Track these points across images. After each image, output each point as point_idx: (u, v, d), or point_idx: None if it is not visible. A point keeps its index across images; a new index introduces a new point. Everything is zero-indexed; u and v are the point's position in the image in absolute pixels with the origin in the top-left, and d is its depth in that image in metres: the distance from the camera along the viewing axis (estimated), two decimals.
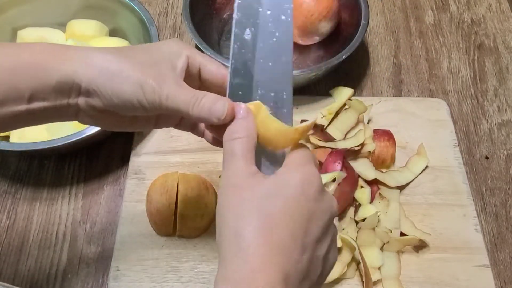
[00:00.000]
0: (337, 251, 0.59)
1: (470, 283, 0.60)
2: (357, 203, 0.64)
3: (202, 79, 0.45)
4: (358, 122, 0.69)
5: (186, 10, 0.75)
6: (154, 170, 0.67)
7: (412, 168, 0.68)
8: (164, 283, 0.60)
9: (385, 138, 0.67)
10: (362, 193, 0.64)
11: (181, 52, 0.43)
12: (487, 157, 0.72)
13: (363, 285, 0.59)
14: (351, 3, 0.78)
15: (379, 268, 0.60)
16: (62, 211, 0.67)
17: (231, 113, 0.40)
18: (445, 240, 0.63)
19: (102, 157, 0.71)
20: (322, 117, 0.70)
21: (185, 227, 0.62)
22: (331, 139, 0.67)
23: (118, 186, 0.69)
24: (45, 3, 0.77)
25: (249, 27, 0.42)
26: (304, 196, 0.37)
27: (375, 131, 0.68)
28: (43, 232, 0.65)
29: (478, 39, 0.86)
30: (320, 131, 0.69)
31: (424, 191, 0.67)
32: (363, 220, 0.62)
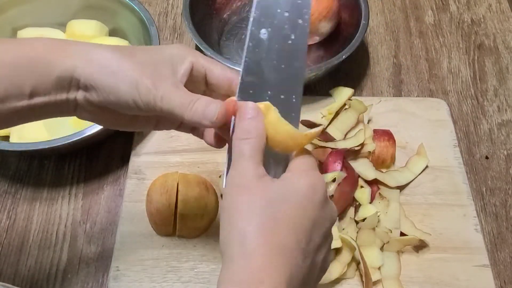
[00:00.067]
0: (333, 255, 0.59)
1: (470, 283, 0.60)
2: (357, 203, 0.64)
3: (208, 83, 0.45)
4: (358, 122, 0.69)
5: (186, 10, 0.75)
6: (154, 170, 0.67)
7: (412, 168, 0.68)
8: (164, 283, 0.60)
9: (385, 138, 0.67)
10: (362, 193, 0.64)
11: (185, 57, 0.43)
12: (487, 157, 0.72)
13: (363, 285, 0.59)
14: (351, 3, 0.78)
15: (379, 268, 0.60)
16: (62, 211, 0.67)
17: (222, 116, 0.40)
18: (445, 240, 0.63)
19: (102, 157, 0.71)
20: (322, 117, 0.70)
21: (185, 227, 0.62)
22: (331, 139, 0.67)
23: (118, 186, 0.69)
24: (45, 3, 0.77)
25: (266, 27, 0.42)
26: (310, 203, 0.37)
27: (375, 131, 0.68)
28: (43, 232, 0.65)
29: (478, 39, 0.86)
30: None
31: (424, 191, 0.67)
32: (363, 220, 0.62)
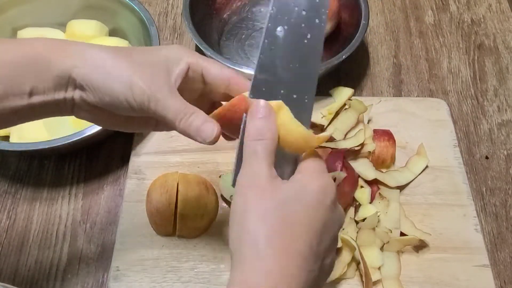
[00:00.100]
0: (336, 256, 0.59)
1: (470, 283, 0.60)
2: (357, 203, 0.64)
3: (206, 82, 0.44)
4: (358, 122, 0.69)
5: (186, 10, 0.75)
6: (154, 170, 0.67)
7: (412, 168, 0.68)
8: (164, 283, 0.60)
9: (385, 138, 0.67)
10: (362, 193, 0.64)
11: (180, 58, 0.43)
12: (487, 157, 0.72)
13: (363, 285, 0.59)
14: (351, 3, 0.78)
15: (379, 268, 0.60)
16: (62, 211, 0.67)
17: (218, 139, 0.40)
18: (445, 240, 0.63)
19: (102, 157, 0.71)
20: (322, 117, 0.70)
21: (185, 227, 0.61)
22: (331, 139, 0.67)
23: (118, 186, 0.69)
24: (45, 3, 0.77)
25: (282, 25, 0.41)
26: (321, 205, 0.37)
27: (375, 131, 0.68)
28: (43, 232, 0.65)
29: (478, 39, 0.86)
30: (320, 131, 0.69)
31: (424, 191, 0.67)
32: (363, 220, 0.62)
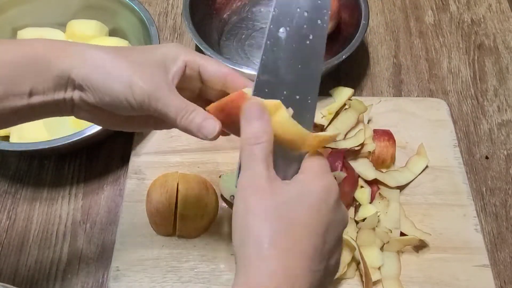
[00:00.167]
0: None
1: (470, 283, 0.60)
2: (357, 203, 0.64)
3: (203, 80, 0.45)
4: (358, 122, 0.69)
5: (186, 10, 0.75)
6: (154, 170, 0.67)
7: (412, 168, 0.68)
8: (164, 283, 0.60)
9: (385, 138, 0.67)
10: (362, 193, 0.64)
11: (178, 56, 0.43)
12: (487, 157, 0.72)
13: (363, 285, 0.59)
14: (351, 3, 0.78)
15: (379, 268, 0.60)
16: (62, 211, 0.67)
17: (218, 136, 0.41)
18: (445, 240, 0.63)
19: (102, 157, 0.71)
20: (322, 117, 0.70)
21: (185, 227, 0.61)
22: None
23: (118, 186, 0.69)
24: (45, 3, 0.77)
25: (284, 26, 0.42)
26: (325, 205, 0.37)
27: (375, 131, 0.68)
28: (43, 232, 0.65)
29: (478, 39, 0.86)
30: (320, 131, 0.69)
31: (424, 191, 0.67)
32: (363, 220, 0.62)
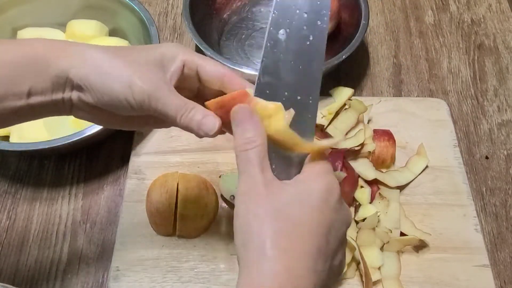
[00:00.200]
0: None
1: (470, 283, 0.60)
2: (357, 203, 0.64)
3: (201, 80, 0.45)
4: (358, 122, 0.69)
5: (186, 10, 0.75)
6: (154, 170, 0.67)
7: (412, 168, 0.68)
8: (164, 283, 0.60)
9: (385, 138, 0.67)
10: (362, 193, 0.64)
11: (176, 56, 0.43)
12: (487, 157, 0.72)
13: (363, 285, 0.59)
14: (351, 3, 0.78)
15: (379, 268, 0.60)
16: (62, 211, 0.67)
17: (218, 132, 0.41)
18: (445, 240, 0.63)
19: (102, 157, 0.71)
20: (322, 117, 0.70)
21: (185, 227, 0.61)
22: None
23: (118, 186, 0.69)
24: (45, 3, 0.77)
25: (284, 28, 0.42)
26: (326, 205, 0.37)
27: (375, 131, 0.68)
28: (43, 232, 0.65)
29: (478, 39, 0.86)
30: (320, 131, 0.69)
31: (424, 191, 0.67)
32: (363, 220, 0.62)
